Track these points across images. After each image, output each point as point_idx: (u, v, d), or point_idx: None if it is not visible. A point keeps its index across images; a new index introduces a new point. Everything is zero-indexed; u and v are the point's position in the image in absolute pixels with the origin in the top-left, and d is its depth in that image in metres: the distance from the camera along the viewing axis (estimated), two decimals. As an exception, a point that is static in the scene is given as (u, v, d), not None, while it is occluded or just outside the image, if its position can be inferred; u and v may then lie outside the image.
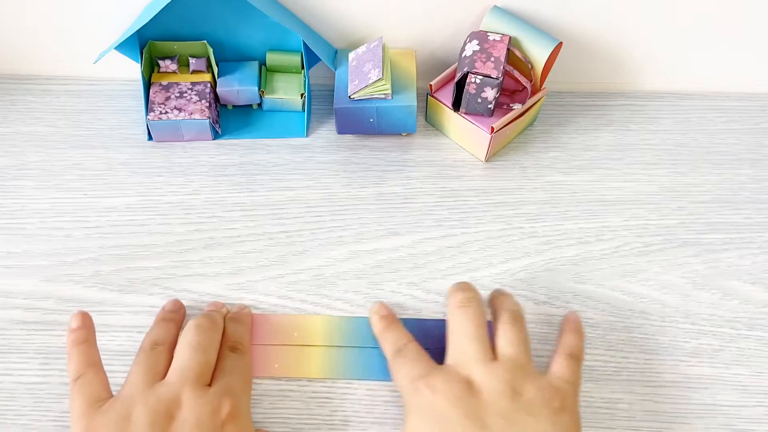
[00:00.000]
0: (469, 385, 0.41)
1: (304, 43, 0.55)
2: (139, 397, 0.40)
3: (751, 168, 0.58)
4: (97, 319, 0.48)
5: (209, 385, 0.42)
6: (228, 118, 0.59)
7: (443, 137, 0.59)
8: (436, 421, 0.40)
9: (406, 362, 0.43)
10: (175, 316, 0.47)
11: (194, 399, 0.40)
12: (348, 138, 0.59)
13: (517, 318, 0.44)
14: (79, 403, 0.40)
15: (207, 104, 0.56)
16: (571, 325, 0.47)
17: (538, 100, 0.56)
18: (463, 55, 0.53)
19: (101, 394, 0.40)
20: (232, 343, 0.45)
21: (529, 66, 0.54)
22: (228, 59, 0.58)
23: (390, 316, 0.48)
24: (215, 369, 0.43)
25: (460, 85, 0.53)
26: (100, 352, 0.44)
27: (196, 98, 0.56)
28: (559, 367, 0.43)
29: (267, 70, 0.59)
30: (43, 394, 0.46)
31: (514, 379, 0.41)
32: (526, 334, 0.44)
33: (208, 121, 0.56)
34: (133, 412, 0.39)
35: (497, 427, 0.39)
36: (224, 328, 0.46)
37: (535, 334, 0.49)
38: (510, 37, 0.53)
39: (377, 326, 0.47)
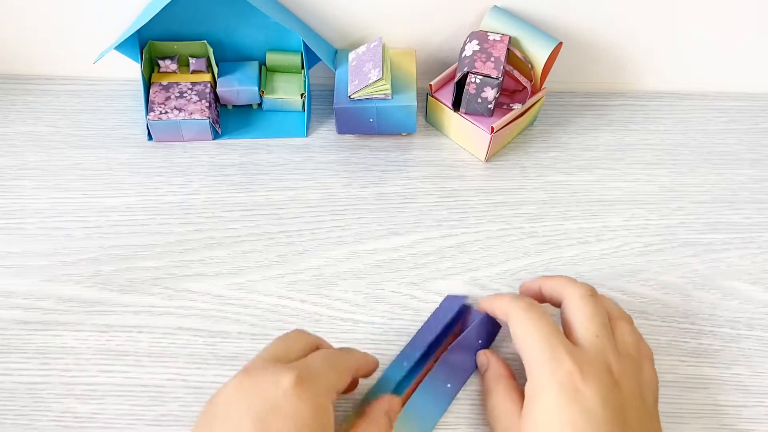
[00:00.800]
0: (612, 376, 0.39)
1: (304, 43, 0.55)
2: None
3: (751, 168, 0.58)
4: (96, 319, 0.49)
5: None
6: (228, 118, 0.59)
7: (443, 137, 0.59)
8: (581, 412, 0.38)
9: (542, 323, 0.41)
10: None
11: (259, 368, 0.38)
12: (348, 138, 0.59)
13: (630, 319, 0.45)
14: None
15: (207, 104, 0.56)
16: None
17: (538, 100, 0.56)
18: (463, 55, 0.53)
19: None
20: (331, 347, 0.43)
21: (529, 66, 0.54)
22: (228, 59, 0.58)
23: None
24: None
25: (460, 85, 0.53)
26: (100, 352, 0.46)
27: (196, 98, 0.56)
28: (651, 372, 0.43)
29: (267, 70, 0.59)
30: (43, 394, 0.46)
31: (640, 380, 0.41)
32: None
33: (208, 121, 0.56)
34: None
35: (634, 426, 0.39)
36: None
37: (535, 334, 0.49)
38: (510, 37, 0.53)
39: (485, 300, 0.46)
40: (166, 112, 0.56)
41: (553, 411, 0.38)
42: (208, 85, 0.57)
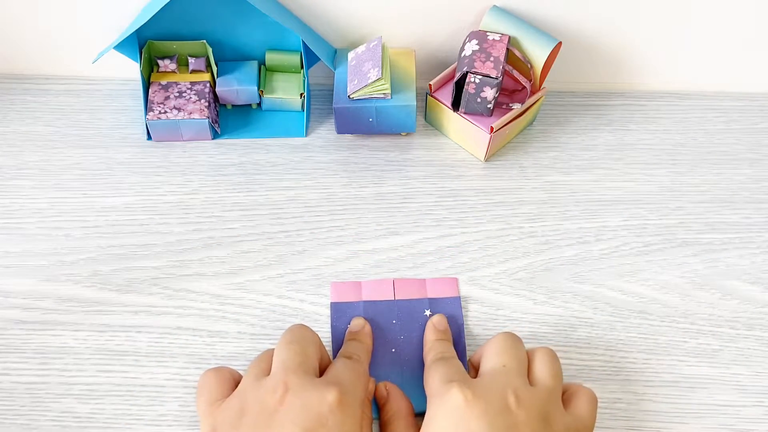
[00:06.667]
0: (504, 402, 0.39)
1: (304, 43, 0.55)
2: (250, 390, 0.41)
3: (750, 168, 0.58)
4: (95, 319, 0.49)
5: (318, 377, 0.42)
6: (227, 118, 0.59)
7: (442, 137, 0.59)
8: (466, 431, 0.38)
9: (446, 367, 0.43)
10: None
11: (301, 385, 0.40)
12: (347, 138, 0.59)
13: (555, 355, 0.44)
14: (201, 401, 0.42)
15: (206, 104, 0.56)
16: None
17: (538, 99, 0.56)
18: (462, 54, 0.53)
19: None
20: (347, 353, 0.45)
21: (529, 66, 0.54)
22: (227, 59, 0.58)
23: (447, 331, 0.48)
24: (327, 370, 0.43)
25: (460, 85, 0.53)
26: (99, 352, 0.46)
27: (196, 98, 0.56)
28: (583, 409, 0.42)
29: (266, 69, 0.59)
30: (41, 394, 0.46)
31: (548, 409, 0.40)
32: (561, 370, 0.43)
33: (207, 120, 0.56)
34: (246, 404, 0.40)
35: None
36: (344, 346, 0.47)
37: (535, 334, 0.49)
38: (509, 37, 0.53)
39: (432, 335, 0.47)
40: (166, 112, 0.56)
41: (440, 429, 0.39)
42: (208, 84, 0.57)
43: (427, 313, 0.49)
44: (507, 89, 0.56)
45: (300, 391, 0.39)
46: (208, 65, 0.57)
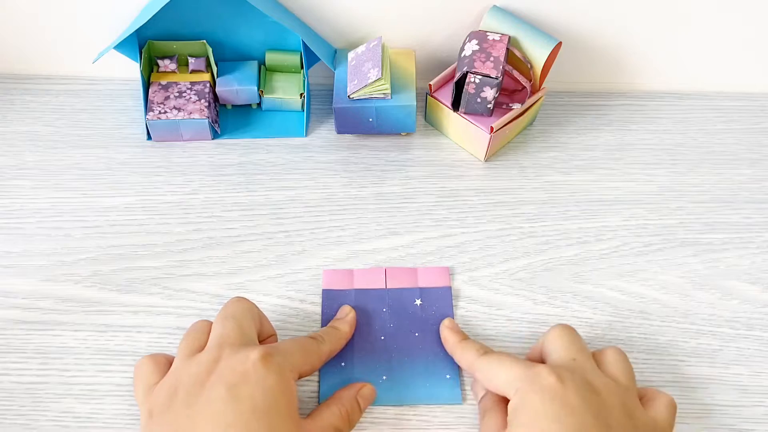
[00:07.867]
0: (592, 387, 0.40)
1: (304, 43, 0.55)
2: (183, 368, 0.41)
3: (750, 168, 0.58)
4: (95, 319, 0.49)
5: None
6: (227, 118, 0.59)
7: (442, 137, 0.59)
8: (563, 407, 0.38)
9: (511, 357, 0.42)
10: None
11: (233, 353, 0.40)
12: (347, 138, 0.59)
13: (625, 355, 0.43)
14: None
15: (206, 104, 0.56)
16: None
17: (538, 99, 0.56)
18: (462, 54, 0.53)
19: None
20: (312, 334, 0.45)
21: (529, 66, 0.54)
22: (227, 59, 0.58)
23: (463, 332, 0.48)
24: None
25: (460, 85, 0.53)
26: (99, 352, 0.46)
27: (195, 98, 0.56)
28: (662, 412, 0.41)
29: (266, 69, 0.59)
30: (42, 394, 0.46)
31: (629, 402, 0.40)
32: (633, 371, 0.43)
33: (207, 120, 0.56)
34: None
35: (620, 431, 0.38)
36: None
37: (535, 334, 0.49)
38: (509, 37, 0.53)
39: (453, 338, 0.46)
40: (166, 112, 0.56)
41: (539, 412, 0.39)
42: (208, 84, 0.57)
43: (418, 302, 0.49)
44: (507, 89, 0.56)
45: (230, 357, 0.40)
46: (208, 65, 0.57)
